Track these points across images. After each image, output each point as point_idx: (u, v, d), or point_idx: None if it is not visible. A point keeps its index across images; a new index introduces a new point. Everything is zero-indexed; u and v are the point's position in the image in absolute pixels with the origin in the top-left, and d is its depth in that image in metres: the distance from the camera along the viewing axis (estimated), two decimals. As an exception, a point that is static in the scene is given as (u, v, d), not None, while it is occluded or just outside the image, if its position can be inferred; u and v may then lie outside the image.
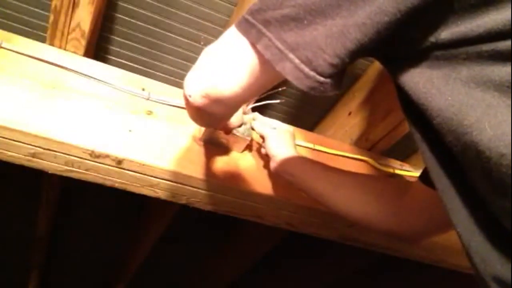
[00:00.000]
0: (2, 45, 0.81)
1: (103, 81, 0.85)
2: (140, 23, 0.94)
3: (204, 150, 0.86)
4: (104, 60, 0.98)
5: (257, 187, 0.87)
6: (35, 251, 1.57)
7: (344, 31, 0.39)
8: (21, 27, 0.91)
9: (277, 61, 0.42)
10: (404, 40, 0.41)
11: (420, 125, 0.44)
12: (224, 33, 0.48)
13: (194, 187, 0.83)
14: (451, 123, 0.38)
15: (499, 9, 0.35)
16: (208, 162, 0.85)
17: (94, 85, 0.84)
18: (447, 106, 0.38)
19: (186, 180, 0.82)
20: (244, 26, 0.44)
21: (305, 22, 0.40)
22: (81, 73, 0.84)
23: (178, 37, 0.97)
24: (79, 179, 0.80)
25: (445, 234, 0.65)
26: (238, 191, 0.86)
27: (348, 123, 1.11)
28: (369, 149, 1.14)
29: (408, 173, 1.15)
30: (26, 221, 1.42)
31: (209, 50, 0.49)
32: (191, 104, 0.51)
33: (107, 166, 0.77)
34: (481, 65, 0.36)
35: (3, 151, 0.73)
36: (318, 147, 1.03)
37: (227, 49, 0.47)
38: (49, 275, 1.82)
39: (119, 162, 0.77)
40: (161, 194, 0.84)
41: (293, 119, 1.15)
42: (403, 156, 1.23)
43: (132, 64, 1.01)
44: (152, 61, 1.01)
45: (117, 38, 0.96)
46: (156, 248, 1.47)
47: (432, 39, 0.39)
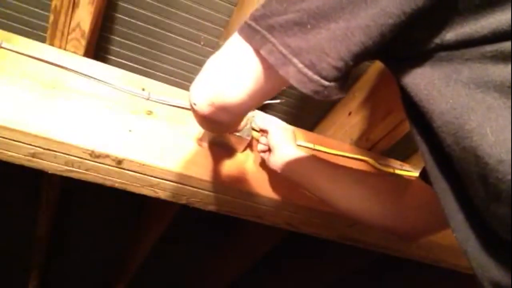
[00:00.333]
0: (2, 45, 0.81)
1: (103, 81, 0.85)
2: (140, 23, 0.94)
3: (204, 150, 0.86)
4: (104, 60, 0.98)
5: (257, 187, 0.87)
6: (35, 251, 1.57)
7: (348, 34, 0.38)
8: (21, 27, 0.91)
9: (281, 65, 0.41)
10: (408, 41, 0.41)
11: (421, 126, 0.44)
12: (228, 41, 0.47)
13: (194, 187, 0.83)
14: (452, 126, 0.38)
15: (504, 9, 0.35)
16: (209, 162, 0.85)
17: (94, 85, 0.84)
18: (448, 109, 0.38)
19: (186, 180, 0.82)
20: (247, 33, 0.44)
21: (309, 26, 0.40)
22: (81, 73, 0.84)
23: (178, 37, 0.97)
24: (79, 179, 0.80)
25: (444, 233, 0.64)
26: (238, 191, 0.86)
27: (348, 123, 1.11)
28: (369, 149, 1.14)
29: (408, 173, 1.15)
30: (26, 221, 1.42)
31: (213, 58, 0.49)
32: (197, 113, 0.51)
33: (107, 166, 0.77)
34: (483, 65, 0.36)
35: (3, 151, 0.73)
36: (318, 147, 1.02)
37: (231, 56, 0.47)
38: (49, 275, 1.82)
39: (119, 162, 0.77)
40: (161, 194, 0.84)
41: (293, 119, 1.15)
42: (403, 156, 1.23)
43: (132, 64, 1.01)
44: (152, 61, 1.01)
45: (117, 38, 0.96)
46: (156, 248, 1.47)
47: (437, 40, 0.39)
